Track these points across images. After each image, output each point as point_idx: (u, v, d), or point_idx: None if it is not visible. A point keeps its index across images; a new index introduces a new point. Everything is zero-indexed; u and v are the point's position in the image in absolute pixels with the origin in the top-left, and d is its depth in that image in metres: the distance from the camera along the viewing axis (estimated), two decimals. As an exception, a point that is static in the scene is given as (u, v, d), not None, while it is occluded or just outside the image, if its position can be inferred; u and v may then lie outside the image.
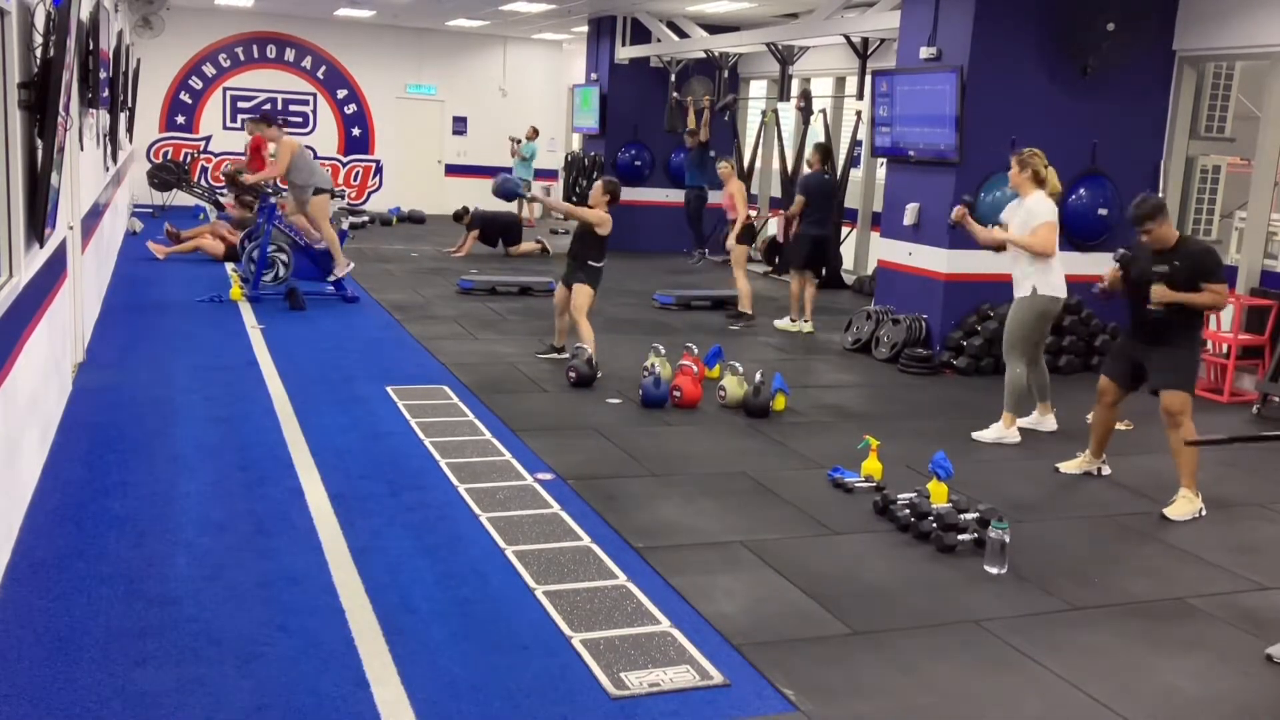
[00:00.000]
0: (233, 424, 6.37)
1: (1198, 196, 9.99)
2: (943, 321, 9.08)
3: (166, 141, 18.96)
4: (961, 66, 8.73)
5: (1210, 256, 5.64)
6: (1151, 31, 9.14)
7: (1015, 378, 6.86)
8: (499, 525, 4.94)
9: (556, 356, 8.50)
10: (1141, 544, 5.28)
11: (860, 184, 13.97)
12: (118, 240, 13.30)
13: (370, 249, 14.77)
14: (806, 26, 12.82)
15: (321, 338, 9.02)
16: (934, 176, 9.17)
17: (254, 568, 4.36)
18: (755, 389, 7.19)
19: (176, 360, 7.87)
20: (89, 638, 3.69)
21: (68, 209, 6.78)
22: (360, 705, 3.38)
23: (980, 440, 6.83)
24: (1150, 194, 5.84)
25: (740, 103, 16.01)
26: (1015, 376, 6.86)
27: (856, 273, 13.88)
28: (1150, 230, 5.64)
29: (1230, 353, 8.41)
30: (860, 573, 4.70)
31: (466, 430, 6.49)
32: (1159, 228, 5.63)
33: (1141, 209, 5.63)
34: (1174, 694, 3.81)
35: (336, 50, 19.66)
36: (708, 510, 5.35)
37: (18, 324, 4.63)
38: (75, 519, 4.75)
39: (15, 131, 4.53)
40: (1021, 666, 3.91)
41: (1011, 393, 6.87)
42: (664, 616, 4.10)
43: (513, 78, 20.84)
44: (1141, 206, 5.63)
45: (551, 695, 3.50)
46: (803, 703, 3.54)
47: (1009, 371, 6.89)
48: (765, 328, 10.57)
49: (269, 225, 10.49)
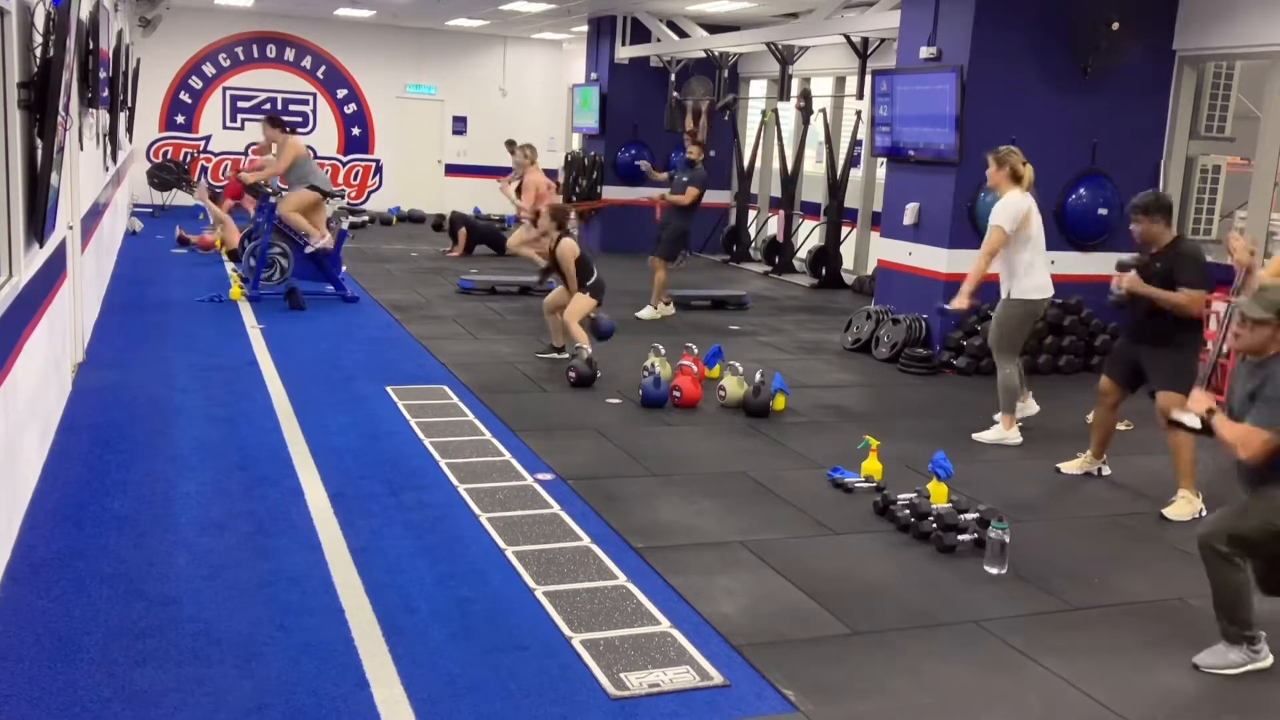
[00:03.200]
0: (233, 424, 6.37)
1: (1198, 196, 10.00)
2: (943, 321, 9.08)
3: (166, 141, 18.95)
4: (961, 66, 8.73)
5: (1191, 259, 5.62)
6: (1151, 31, 9.14)
7: (1006, 378, 6.84)
8: (499, 525, 4.94)
9: (556, 356, 8.50)
10: (1141, 544, 5.28)
11: (860, 184, 13.99)
12: (118, 240, 13.31)
13: (370, 249, 14.78)
14: (806, 26, 12.82)
15: (321, 337, 9.02)
16: (934, 176, 9.17)
17: (254, 568, 4.36)
18: (755, 389, 7.19)
19: (176, 360, 7.87)
20: (89, 638, 3.69)
21: (67, 209, 6.77)
22: (360, 705, 3.38)
23: (981, 441, 6.83)
24: (1158, 193, 5.82)
25: (740, 103, 16.00)
26: (1006, 376, 6.84)
27: (856, 273, 13.89)
28: (1140, 223, 5.64)
29: (1230, 353, 8.40)
30: (860, 573, 4.70)
31: (466, 430, 6.49)
32: (1149, 226, 5.63)
33: (1138, 200, 5.64)
34: (1174, 694, 3.81)
35: (336, 50, 19.66)
36: (708, 510, 5.35)
37: (18, 324, 4.63)
38: (75, 519, 4.75)
39: (15, 131, 4.53)
40: (1021, 666, 3.91)
41: (1006, 393, 6.85)
42: (664, 617, 4.10)
43: (513, 77, 20.83)
44: (1142, 197, 5.65)
45: (551, 695, 3.50)
46: (803, 703, 3.54)
47: (1000, 372, 6.87)
48: (764, 327, 10.57)
49: (269, 225, 10.49)
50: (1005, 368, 6.84)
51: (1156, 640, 4.20)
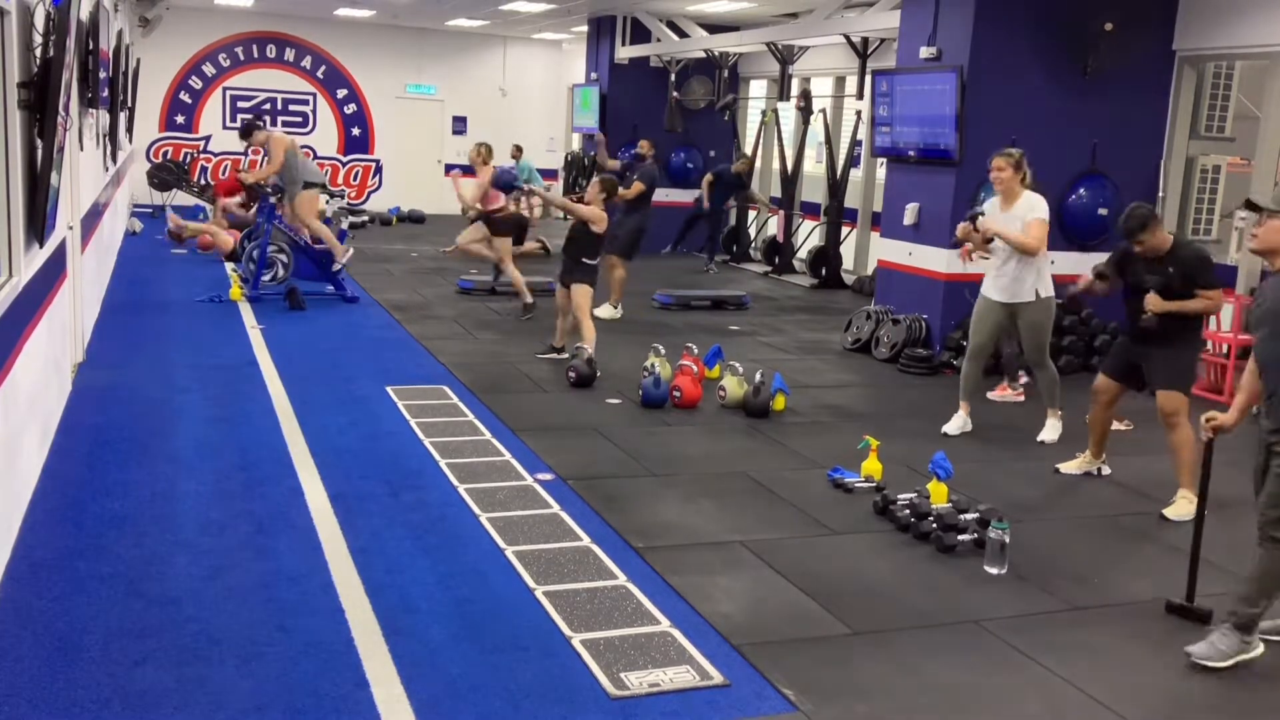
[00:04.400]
0: (233, 424, 6.37)
1: (1198, 196, 10.00)
2: (943, 321, 9.08)
3: (166, 141, 18.95)
4: (961, 66, 8.73)
5: (1203, 262, 5.62)
6: (1151, 32, 9.14)
7: (1052, 375, 6.95)
8: (499, 525, 4.94)
9: (556, 356, 8.50)
10: (1141, 544, 5.29)
11: (860, 184, 13.98)
12: (118, 240, 13.31)
13: (370, 249, 14.77)
14: (806, 26, 12.82)
15: (321, 338, 9.02)
16: (934, 176, 9.17)
17: (254, 568, 4.36)
18: (755, 389, 7.19)
19: (176, 360, 7.87)
20: (89, 638, 3.69)
21: (67, 209, 6.77)
22: (360, 705, 3.38)
23: (1047, 442, 6.87)
24: (1139, 204, 5.80)
25: (740, 103, 16.00)
26: (1052, 374, 6.95)
27: (856, 273, 13.88)
28: (1143, 241, 5.63)
29: (1230, 353, 8.41)
30: (860, 573, 4.71)
31: (466, 430, 6.49)
32: (1151, 237, 5.62)
33: (1131, 222, 5.61)
34: (1174, 694, 3.81)
35: (336, 50, 19.66)
36: (708, 510, 5.35)
37: (18, 324, 4.63)
38: (75, 519, 4.76)
39: (15, 131, 4.53)
40: (1021, 666, 3.91)
41: (1055, 389, 6.95)
42: (664, 616, 4.10)
43: (513, 77, 20.83)
44: (1130, 220, 5.61)
45: (551, 695, 3.50)
46: (803, 703, 3.54)
47: (1045, 373, 6.93)
48: (764, 327, 10.57)
49: (268, 225, 10.49)
50: (1050, 367, 6.94)
51: (1156, 640, 4.20)
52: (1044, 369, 6.95)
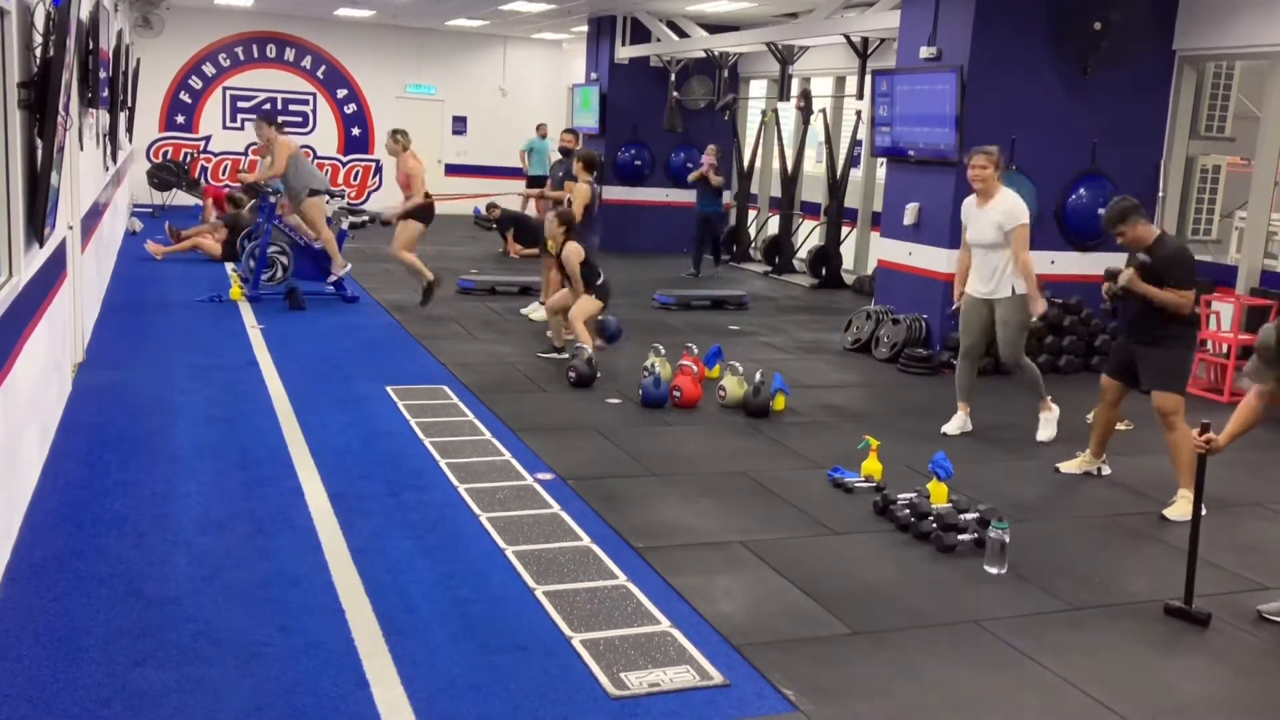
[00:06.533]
0: (232, 424, 6.37)
1: (1198, 196, 10.00)
2: (943, 321, 9.08)
3: (166, 141, 18.94)
4: (961, 66, 8.73)
5: (1181, 260, 5.64)
6: (1151, 31, 9.14)
7: (1033, 370, 6.96)
8: (499, 525, 4.94)
9: (557, 356, 8.50)
10: (1141, 544, 5.28)
11: (860, 184, 13.99)
12: (118, 240, 13.30)
13: (370, 249, 14.77)
14: (806, 26, 12.82)
15: (321, 337, 9.02)
16: (934, 176, 9.17)
17: (254, 568, 4.36)
18: (755, 389, 7.19)
19: (176, 360, 7.87)
20: (89, 638, 3.69)
21: (67, 209, 6.77)
22: (360, 705, 3.38)
23: (1045, 440, 6.88)
24: (1121, 197, 5.83)
25: (740, 103, 16.00)
26: (1033, 369, 6.96)
27: (856, 273, 13.88)
28: (1124, 233, 5.67)
29: (1230, 352, 8.41)
30: (860, 573, 4.70)
31: (466, 430, 6.49)
32: (1133, 230, 5.65)
33: (1110, 214, 5.65)
34: (1174, 694, 3.81)
35: (336, 50, 19.65)
36: (708, 510, 5.35)
37: (18, 324, 4.63)
38: (75, 519, 4.76)
39: (15, 131, 4.53)
40: (1021, 666, 3.91)
41: (1038, 384, 6.95)
42: (664, 616, 4.10)
43: (513, 77, 20.83)
44: (1110, 212, 5.66)
45: (551, 695, 3.50)
46: (803, 703, 3.54)
47: (1027, 371, 6.93)
48: (764, 327, 10.57)
49: (269, 225, 10.49)
50: (1028, 365, 6.94)
51: (1156, 640, 4.20)
52: (1021, 368, 6.94)
